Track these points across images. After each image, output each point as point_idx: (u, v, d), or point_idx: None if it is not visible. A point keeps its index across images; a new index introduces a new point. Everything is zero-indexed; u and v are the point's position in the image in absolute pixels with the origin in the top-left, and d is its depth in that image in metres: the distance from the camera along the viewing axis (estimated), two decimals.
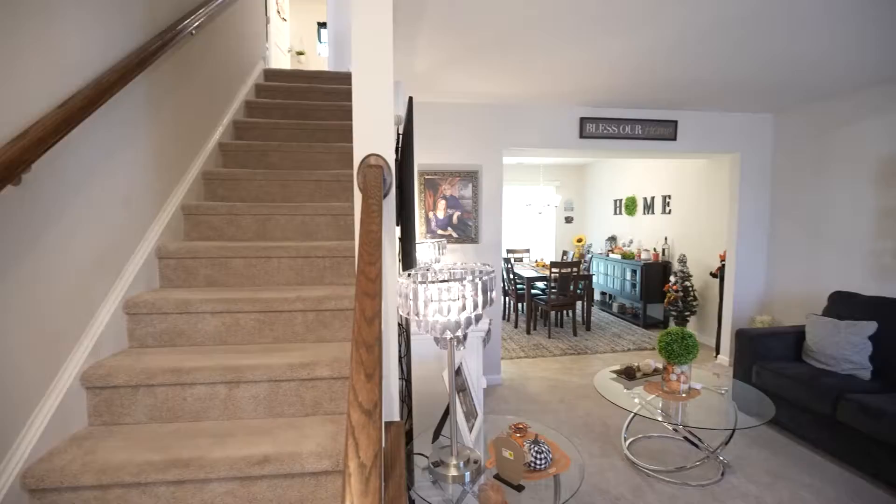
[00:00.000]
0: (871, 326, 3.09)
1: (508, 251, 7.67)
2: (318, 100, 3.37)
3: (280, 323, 1.76)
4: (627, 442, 3.00)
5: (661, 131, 4.23)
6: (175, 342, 1.68)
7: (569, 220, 8.80)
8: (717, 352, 4.83)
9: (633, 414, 2.90)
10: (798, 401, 2.99)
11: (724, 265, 4.76)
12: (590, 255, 7.30)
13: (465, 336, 1.53)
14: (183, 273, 1.90)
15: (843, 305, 3.45)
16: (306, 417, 1.56)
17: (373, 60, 1.36)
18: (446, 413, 1.75)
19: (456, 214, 3.84)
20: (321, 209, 2.21)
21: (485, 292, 1.40)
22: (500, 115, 3.92)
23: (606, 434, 3.16)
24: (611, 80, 3.30)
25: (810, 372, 3.08)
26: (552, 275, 5.60)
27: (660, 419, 2.63)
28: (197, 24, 2.11)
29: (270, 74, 3.67)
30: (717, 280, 4.93)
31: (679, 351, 2.62)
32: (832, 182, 3.88)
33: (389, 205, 1.41)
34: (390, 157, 1.38)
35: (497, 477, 1.58)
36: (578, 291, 5.91)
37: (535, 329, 5.97)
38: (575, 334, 5.71)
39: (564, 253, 7.67)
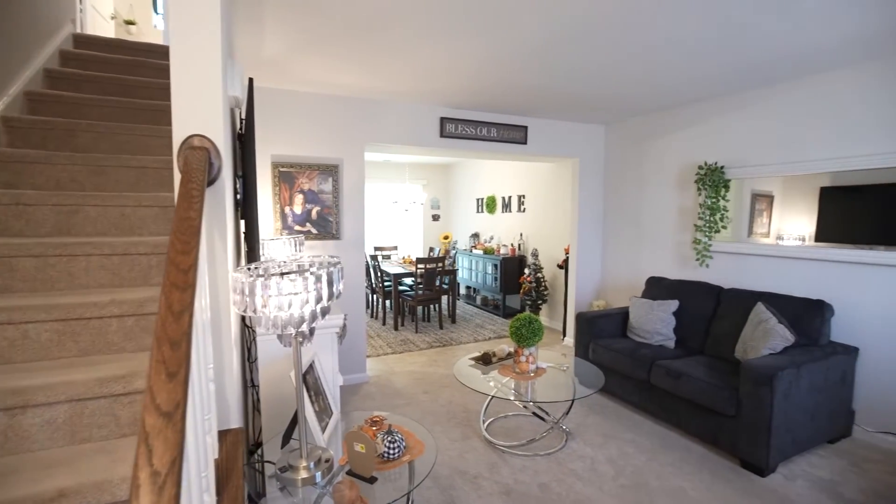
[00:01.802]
0: (674, 304, 3.73)
1: (376, 248, 7.64)
2: (149, 76, 2.95)
3: (88, 332, 1.49)
4: (485, 424, 3.19)
5: (514, 135, 4.58)
6: None
7: (436, 217, 9.07)
8: (564, 334, 5.41)
9: (490, 397, 3.08)
10: (624, 370, 3.48)
11: (568, 257, 5.34)
12: (454, 252, 7.62)
13: (311, 331, 1.46)
14: None
15: (656, 288, 4.11)
16: (122, 439, 1.34)
17: (196, 27, 1.22)
18: (297, 415, 1.66)
19: (315, 209, 3.68)
20: (146, 200, 1.93)
21: (330, 284, 1.35)
22: (362, 109, 3.87)
23: (467, 419, 3.31)
24: (468, 83, 3.46)
25: (632, 345, 3.60)
26: (418, 271, 5.71)
27: (512, 398, 2.84)
28: None
29: (83, 41, 3.11)
30: (563, 271, 5.52)
31: (527, 334, 2.86)
32: (648, 185, 4.61)
33: (218, 192, 1.27)
34: (220, 140, 1.26)
35: (350, 472, 1.55)
36: (444, 286, 6.13)
37: (402, 325, 6.03)
38: (441, 327, 5.91)
39: (431, 249, 7.89)
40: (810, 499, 2.41)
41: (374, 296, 6.63)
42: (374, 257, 6.54)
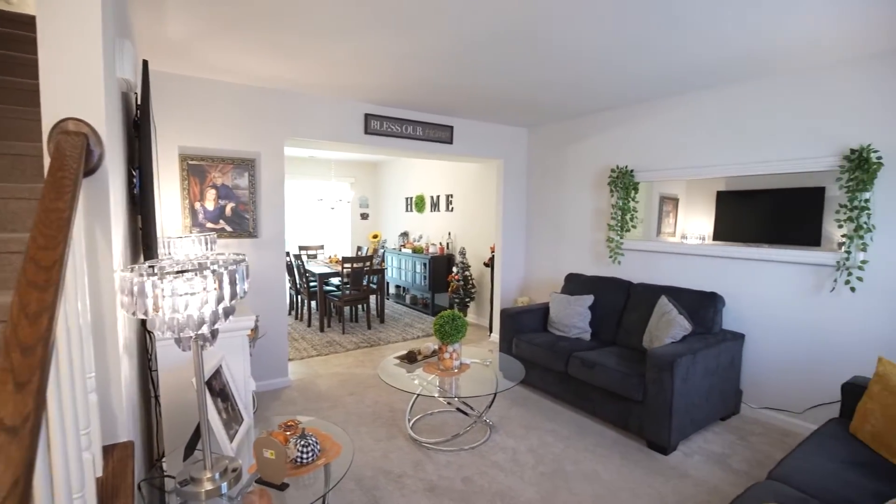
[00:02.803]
0: (589, 299, 3.95)
1: (301, 248, 7.37)
2: (28, 52, 2.61)
3: None
4: (411, 422, 3.18)
5: (440, 134, 4.61)
6: None
7: (364, 216, 8.92)
8: (491, 331, 5.54)
9: (415, 395, 3.08)
10: (544, 363, 3.62)
11: (494, 256, 5.47)
12: (383, 251, 7.54)
13: (213, 334, 1.38)
14: None
15: (574, 284, 4.32)
16: None
17: None
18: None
19: (230, 206, 3.46)
20: (22, 191, 1.70)
21: (233, 284, 1.27)
22: (282, 101, 3.70)
23: (393, 418, 3.29)
24: (391, 80, 3.42)
25: (551, 339, 3.76)
26: (345, 270, 5.59)
27: (436, 395, 2.85)
28: None
29: None
30: (490, 269, 5.65)
31: (450, 331, 2.89)
32: (567, 186, 4.84)
33: (100, 183, 1.15)
34: (101, 126, 1.14)
35: (260, 480, 1.47)
36: (372, 286, 6.04)
37: (329, 326, 5.87)
38: (369, 327, 5.82)
39: (359, 248, 7.75)
40: (705, 471, 2.66)
41: (299, 297, 6.38)
42: (298, 257, 6.30)
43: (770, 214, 3.27)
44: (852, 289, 2.84)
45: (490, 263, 5.58)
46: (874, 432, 1.97)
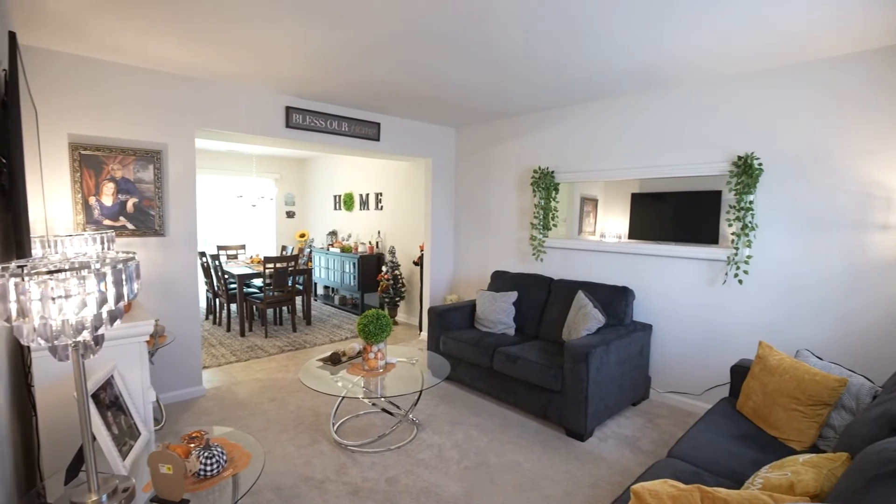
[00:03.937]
0: (514, 295, 4.07)
1: (220, 248, 6.93)
2: None
3: None
4: (336, 426, 3.10)
5: (367, 131, 4.52)
6: None
7: (290, 214, 8.57)
8: (421, 329, 5.54)
9: (340, 398, 3.00)
10: (471, 359, 3.67)
11: (423, 255, 5.48)
12: (309, 250, 7.29)
13: (97, 340, 1.24)
14: None
15: (499, 281, 4.43)
16: None
17: None
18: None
19: (132, 201, 3.15)
20: None
21: (118, 284, 1.16)
22: (193, 89, 3.43)
23: (317, 423, 3.18)
24: (313, 73, 3.30)
25: (478, 335, 3.82)
26: (267, 270, 5.33)
27: (361, 397, 2.79)
28: None
29: None
30: (419, 267, 5.65)
31: (374, 330, 2.85)
32: (493, 186, 4.95)
33: None
34: None
35: (156, 499, 1.35)
36: (298, 286, 5.82)
37: (250, 330, 5.57)
38: (295, 330, 5.60)
39: (283, 248, 7.43)
40: (617, 454, 2.83)
41: (217, 300, 6.00)
42: (215, 257, 5.91)
43: (676, 215, 3.55)
44: (740, 281, 3.16)
45: (420, 262, 5.58)
46: (755, 408, 2.20)
